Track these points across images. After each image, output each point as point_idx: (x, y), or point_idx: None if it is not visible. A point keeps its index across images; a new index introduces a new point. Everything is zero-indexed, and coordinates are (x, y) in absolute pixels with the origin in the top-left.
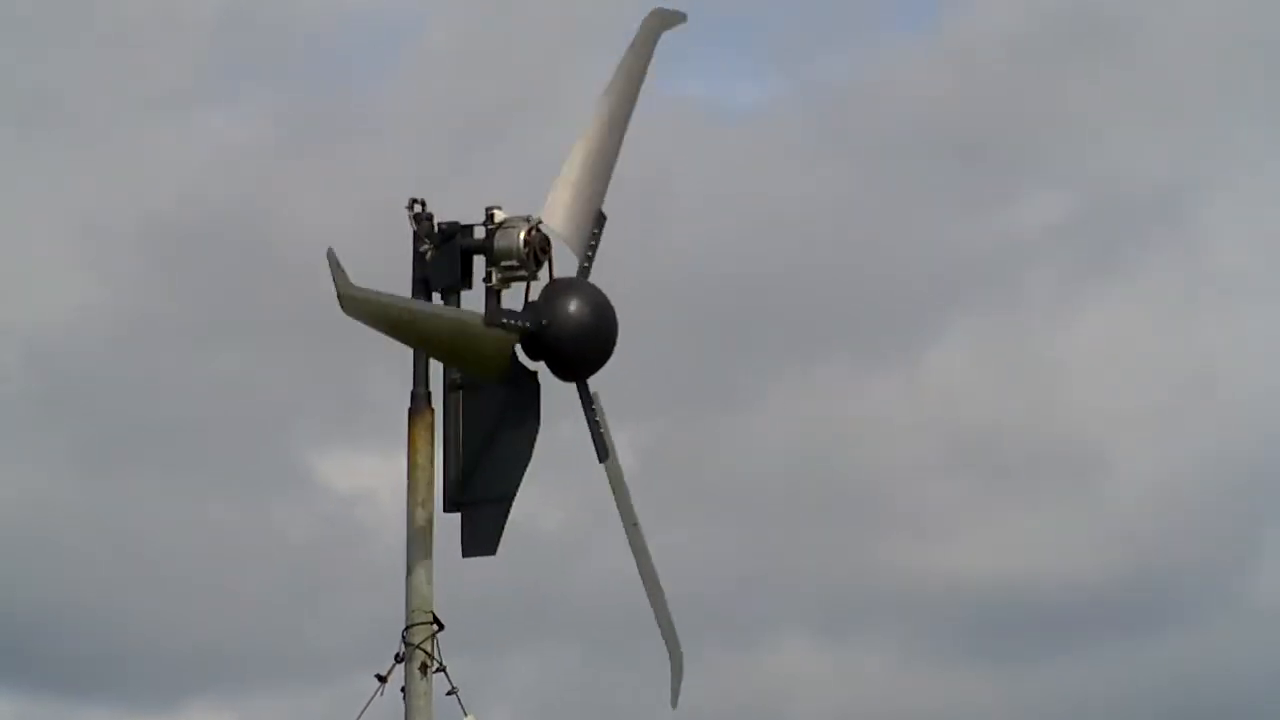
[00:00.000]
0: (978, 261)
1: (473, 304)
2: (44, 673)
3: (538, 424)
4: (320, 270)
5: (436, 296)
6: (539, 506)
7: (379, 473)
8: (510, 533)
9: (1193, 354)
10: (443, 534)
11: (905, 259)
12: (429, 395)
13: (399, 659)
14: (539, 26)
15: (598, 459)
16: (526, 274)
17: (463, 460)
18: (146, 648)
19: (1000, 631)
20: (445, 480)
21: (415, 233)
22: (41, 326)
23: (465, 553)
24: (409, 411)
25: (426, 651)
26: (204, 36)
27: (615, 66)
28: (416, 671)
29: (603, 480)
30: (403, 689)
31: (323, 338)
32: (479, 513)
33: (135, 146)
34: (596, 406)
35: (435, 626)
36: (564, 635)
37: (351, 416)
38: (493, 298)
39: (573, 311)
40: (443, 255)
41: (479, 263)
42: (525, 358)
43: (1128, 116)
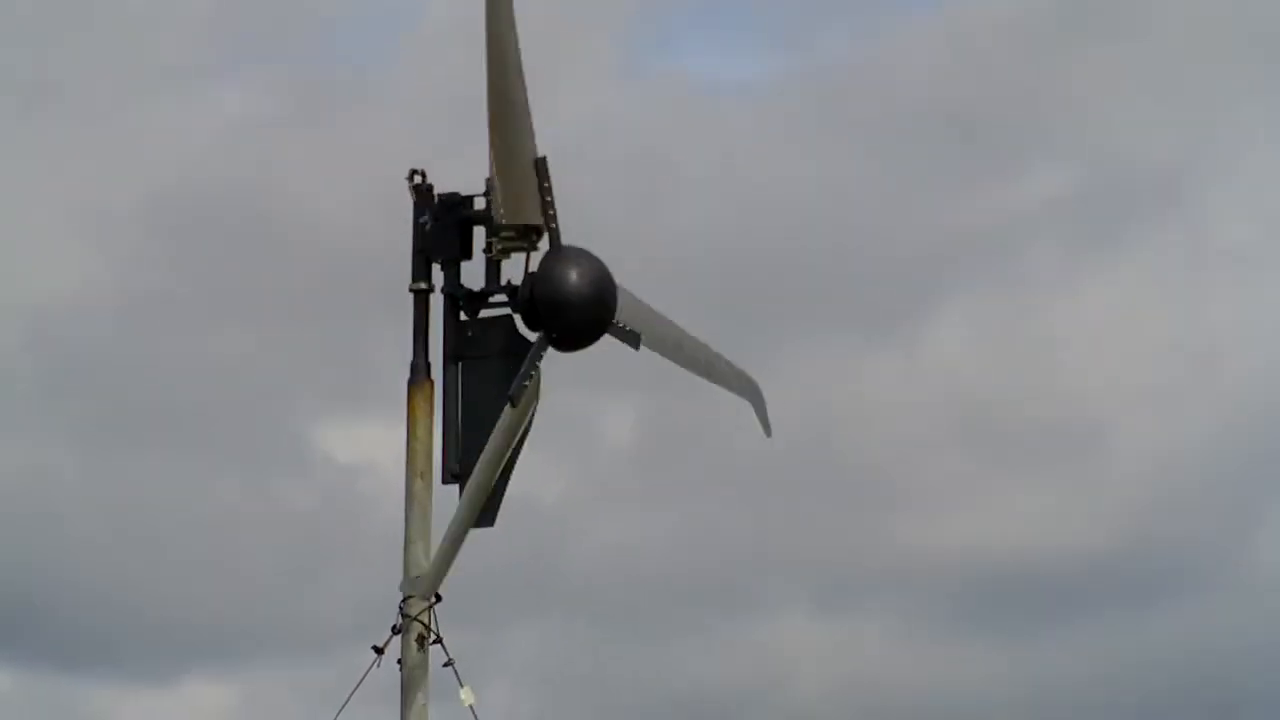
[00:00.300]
0: (979, 238)
1: (472, 273)
2: (43, 645)
3: (537, 396)
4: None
5: (436, 267)
6: (538, 479)
7: (381, 443)
8: (508, 505)
9: (1194, 330)
10: (441, 506)
11: (906, 235)
12: (428, 367)
13: (396, 631)
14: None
15: (509, 401)
16: (526, 245)
17: (462, 432)
18: (146, 620)
19: (1001, 605)
20: (445, 452)
21: (415, 203)
22: (44, 305)
23: None
24: (408, 383)
25: (424, 624)
26: (206, 13)
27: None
28: (413, 643)
29: (602, 452)
30: (399, 661)
31: (324, 310)
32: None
33: (137, 125)
34: (540, 355)
35: (433, 598)
36: (563, 608)
37: (354, 388)
38: (492, 268)
39: (573, 275)
40: (443, 226)
41: (479, 233)
42: (525, 328)
43: (1131, 93)
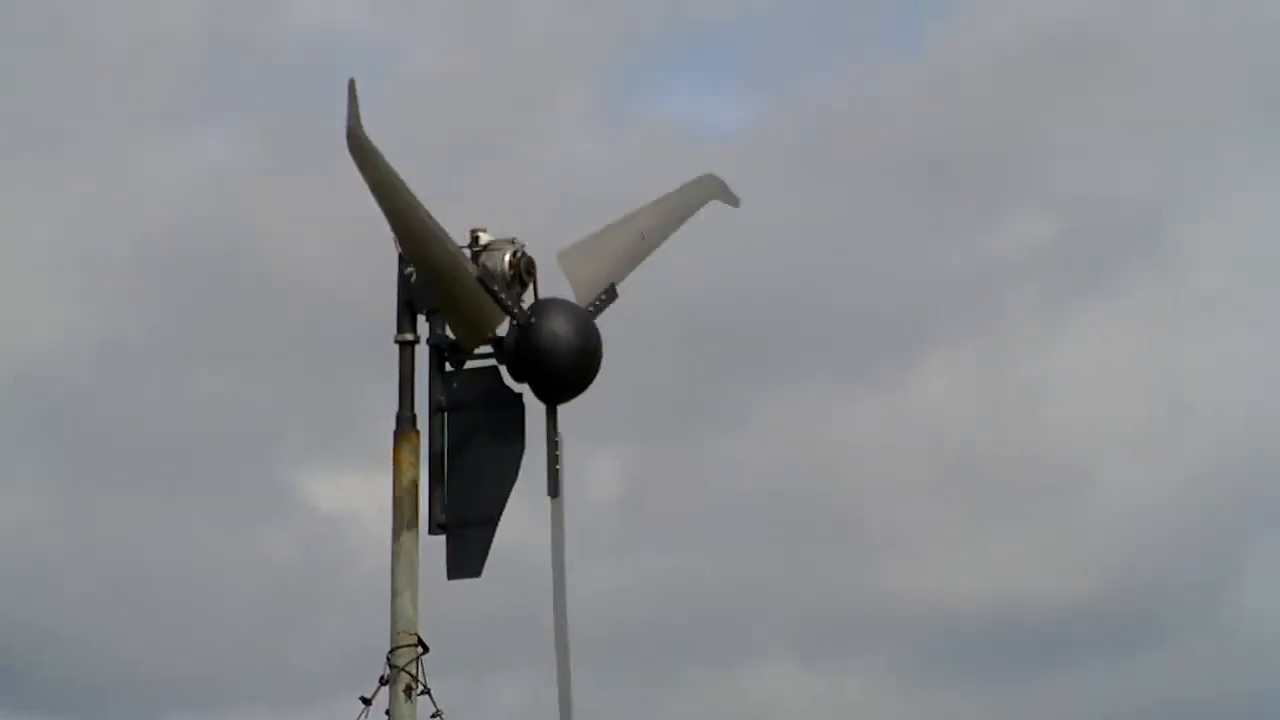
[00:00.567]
0: (960, 283)
1: None
2: (26, 694)
3: (523, 446)
4: (307, 291)
5: (421, 319)
6: (524, 529)
7: (364, 494)
8: (495, 555)
9: (1175, 375)
10: (428, 556)
11: (888, 281)
12: (414, 418)
13: (383, 681)
14: (525, 50)
15: (549, 493)
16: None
17: (448, 482)
18: (129, 668)
19: (985, 652)
20: (430, 503)
21: (400, 254)
22: (27, 351)
23: (450, 575)
24: (394, 434)
25: (411, 674)
26: (190, 60)
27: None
28: (401, 694)
29: (586, 503)
30: (387, 711)
31: (309, 359)
32: (464, 535)
33: (122, 170)
34: (559, 440)
35: (420, 649)
36: (550, 658)
37: (336, 437)
38: None
39: (558, 328)
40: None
41: None
42: (510, 379)
43: (1109, 137)
